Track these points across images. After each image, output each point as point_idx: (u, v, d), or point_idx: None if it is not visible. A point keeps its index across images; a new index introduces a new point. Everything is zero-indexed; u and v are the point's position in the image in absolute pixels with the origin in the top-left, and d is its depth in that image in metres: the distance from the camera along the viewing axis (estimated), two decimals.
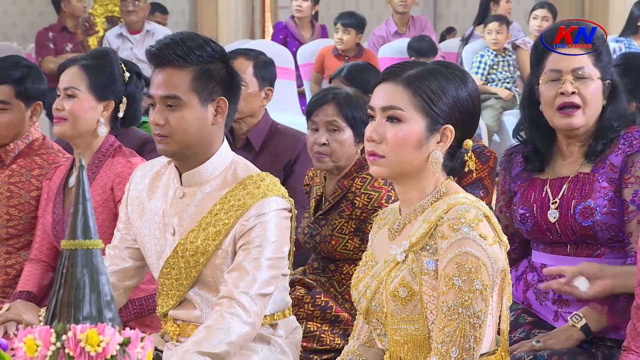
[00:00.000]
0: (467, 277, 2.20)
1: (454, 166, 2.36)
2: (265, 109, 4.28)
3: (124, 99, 3.39)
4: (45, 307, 1.95)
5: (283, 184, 3.05)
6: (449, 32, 11.82)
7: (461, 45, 8.80)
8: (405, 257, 2.29)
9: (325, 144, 3.41)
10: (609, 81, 2.89)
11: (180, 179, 2.77)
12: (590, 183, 2.86)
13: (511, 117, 7.92)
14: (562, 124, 2.88)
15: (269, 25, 14.02)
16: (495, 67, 8.21)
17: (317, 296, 3.42)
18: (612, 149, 2.88)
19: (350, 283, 2.47)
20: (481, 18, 8.96)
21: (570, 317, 2.81)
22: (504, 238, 2.31)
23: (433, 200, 2.32)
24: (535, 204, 2.92)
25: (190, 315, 2.75)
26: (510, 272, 2.85)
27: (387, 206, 2.58)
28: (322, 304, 3.40)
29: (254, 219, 2.65)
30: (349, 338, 2.56)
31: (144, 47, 7.01)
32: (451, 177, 2.37)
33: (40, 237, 3.48)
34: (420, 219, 2.31)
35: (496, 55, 8.21)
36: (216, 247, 2.68)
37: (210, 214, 2.70)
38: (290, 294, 2.97)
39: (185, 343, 2.60)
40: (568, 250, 2.91)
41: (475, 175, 3.68)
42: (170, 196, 2.78)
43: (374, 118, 2.33)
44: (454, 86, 2.30)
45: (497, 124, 8.12)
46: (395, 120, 2.29)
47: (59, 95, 3.34)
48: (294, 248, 2.86)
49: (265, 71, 4.23)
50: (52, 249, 3.46)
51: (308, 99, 6.72)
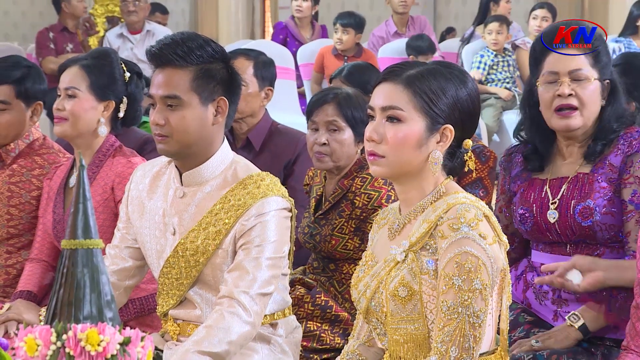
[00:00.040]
0: (466, 276, 2.20)
1: (453, 166, 2.36)
2: (266, 109, 4.28)
3: (125, 99, 3.39)
4: (46, 307, 1.95)
5: (283, 183, 3.06)
6: (449, 32, 11.82)
7: (461, 46, 8.80)
8: (405, 256, 2.29)
9: (325, 143, 3.41)
10: (608, 81, 2.90)
11: (181, 178, 2.77)
12: (590, 183, 2.86)
13: (511, 117, 7.91)
14: (559, 125, 2.88)
15: (269, 25, 14.02)
16: (495, 67, 8.21)
17: (317, 296, 3.42)
18: (612, 149, 2.88)
19: (350, 282, 2.46)
20: (481, 18, 8.96)
21: (567, 316, 2.81)
22: (504, 238, 2.31)
23: (433, 200, 2.32)
24: (534, 204, 2.93)
25: (191, 314, 2.75)
26: (510, 272, 2.85)
27: (387, 206, 2.58)
28: (322, 304, 3.40)
29: (254, 218, 2.65)
30: (349, 337, 2.56)
31: (144, 47, 7.01)
32: (451, 177, 2.36)
33: (40, 236, 3.48)
34: (420, 219, 2.31)
35: (496, 56, 8.20)
36: (216, 247, 2.68)
37: (211, 214, 2.70)
38: (290, 293, 2.97)
39: (185, 342, 2.60)
40: (568, 250, 2.91)
41: (475, 175, 3.68)
42: (171, 196, 2.78)
43: (373, 118, 2.33)
44: (453, 86, 2.30)
45: (497, 124, 8.12)
46: (395, 120, 2.29)
47: (60, 95, 3.34)
48: (294, 248, 2.86)
49: (266, 71, 4.22)
50: (52, 249, 3.46)
51: (308, 99, 6.72)
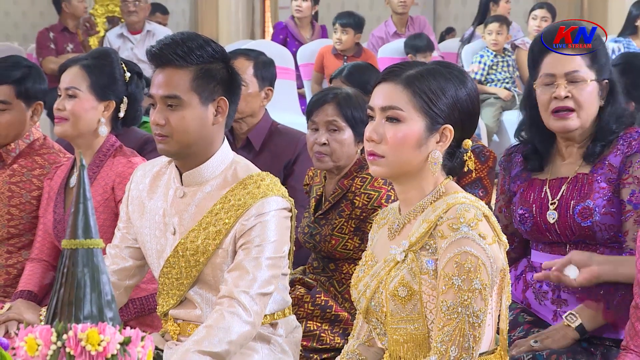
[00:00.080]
0: (466, 276, 2.20)
1: (453, 166, 2.36)
2: (266, 109, 4.28)
3: (125, 99, 3.39)
4: (46, 307, 1.95)
5: (283, 183, 3.06)
6: (448, 33, 11.82)
7: (461, 46, 8.80)
8: (405, 256, 2.29)
9: (325, 143, 3.42)
10: (606, 81, 2.90)
11: (181, 178, 2.78)
12: (589, 183, 2.87)
13: (510, 117, 7.91)
14: (557, 127, 2.88)
15: (269, 25, 14.02)
16: (494, 67, 8.21)
17: (317, 295, 3.42)
18: (611, 149, 2.88)
19: (350, 282, 2.47)
20: (481, 18, 8.96)
21: (565, 316, 2.81)
22: (503, 237, 2.31)
23: (432, 199, 2.32)
24: (534, 205, 2.93)
25: (191, 314, 2.75)
26: (510, 272, 2.86)
27: (386, 206, 2.58)
28: (322, 304, 3.40)
29: (254, 218, 2.65)
30: (349, 337, 2.56)
31: (144, 47, 7.01)
32: (450, 177, 2.37)
33: (41, 236, 3.48)
34: (420, 219, 2.31)
35: (495, 56, 8.20)
36: (216, 247, 2.68)
37: (211, 214, 2.70)
38: (290, 293, 2.97)
39: (185, 342, 2.60)
40: (567, 250, 2.90)
41: (474, 175, 3.69)
42: (171, 196, 2.78)
43: (373, 118, 2.33)
44: (453, 86, 2.30)
45: (497, 124, 8.12)
46: (394, 120, 2.29)
47: (60, 95, 3.34)
48: (294, 247, 2.86)
49: (266, 71, 4.23)
50: (53, 249, 3.46)
51: (308, 99, 6.72)
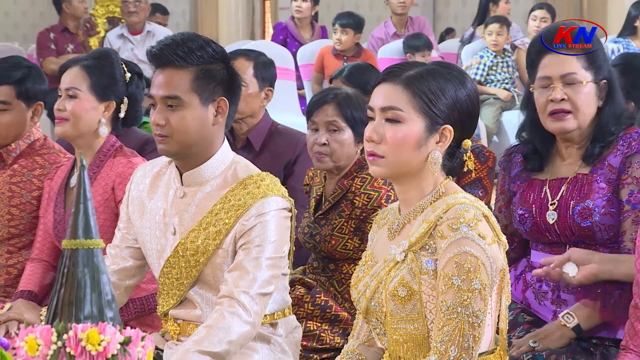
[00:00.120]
0: (466, 276, 2.20)
1: (453, 166, 2.36)
2: (266, 109, 4.28)
3: (125, 100, 3.40)
4: (47, 307, 1.95)
5: (283, 183, 3.06)
6: (448, 33, 11.82)
7: (461, 46, 8.80)
8: (405, 256, 2.29)
9: (325, 144, 3.42)
10: (605, 81, 2.90)
11: (181, 178, 2.78)
12: (589, 184, 2.87)
13: (510, 118, 7.91)
14: (554, 128, 2.89)
15: (269, 26, 14.02)
16: (494, 68, 8.21)
17: (317, 295, 3.42)
18: (611, 150, 2.88)
19: (350, 282, 2.47)
20: (480, 19, 8.96)
21: (562, 315, 2.81)
22: (503, 238, 2.31)
23: (432, 200, 2.32)
24: (534, 205, 2.93)
25: (191, 314, 2.76)
26: (510, 272, 2.86)
27: (386, 206, 2.58)
28: (322, 303, 3.40)
29: (254, 218, 2.65)
30: (349, 337, 2.56)
31: (144, 48, 7.01)
32: (450, 177, 2.37)
33: (41, 236, 3.49)
34: (420, 219, 2.31)
35: (495, 56, 8.20)
36: (217, 247, 2.68)
37: (211, 214, 2.70)
38: (290, 293, 2.97)
39: (185, 342, 2.60)
40: (567, 250, 2.91)
41: (474, 175, 3.69)
42: (171, 196, 2.78)
43: (373, 118, 2.34)
44: (452, 87, 2.30)
45: (496, 124, 8.12)
46: (394, 120, 2.29)
47: (61, 96, 3.34)
48: (294, 247, 2.87)
49: (266, 72, 4.23)
50: (53, 249, 3.46)
51: (308, 100, 6.72)
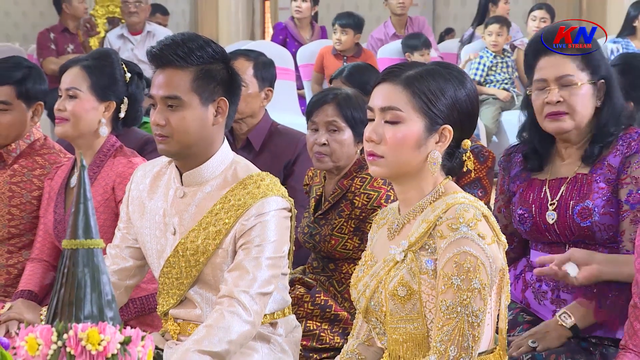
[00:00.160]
0: (465, 276, 2.20)
1: (452, 166, 2.36)
2: (265, 110, 4.29)
3: (125, 100, 3.40)
4: (47, 306, 1.96)
5: (283, 183, 3.06)
6: (448, 33, 11.81)
7: (461, 46, 8.80)
8: (405, 256, 2.30)
9: (325, 144, 3.42)
10: (602, 81, 2.90)
11: (181, 178, 2.78)
12: (589, 184, 2.87)
13: (510, 118, 7.91)
14: (551, 128, 2.89)
15: (269, 26, 14.02)
16: (493, 68, 8.21)
17: (316, 295, 3.42)
18: (611, 150, 2.88)
19: (350, 282, 2.47)
20: (480, 19, 8.97)
21: (559, 315, 2.81)
22: (503, 237, 2.31)
23: (432, 200, 2.32)
24: (533, 205, 2.93)
25: (191, 314, 2.76)
26: (509, 271, 2.86)
27: (386, 206, 2.58)
28: (322, 303, 3.40)
29: (254, 218, 2.66)
30: (349, 337, 2.56)
31: (144, 48, 7.02)
32: (450, 177, 2.37)
33: (41, 236, 3.49)
34: (419, 219, 2.32)
35: (495, 57, 8.20)
36: (216, 247, 2.69)
37: (211, 214, 2.71)
38: (290, 293, 2.98)
39: (185, 342, 2.61)
40: (566, 250, 2.90)
41: (473, 175, 3.69)
42: (171, 196, 2.79)
43: (373, 119, 2.34)
44: (452, 87, 2.30)
45: (496, 124, 8.12)
46: (394, 120, 2.30)
47: (61, 96, 3.34)
48: (294, 247, 2.87)
49: (265, 72, 4.23)
50: (53, 249, 3.46)
51: (308, 100, 6.72)
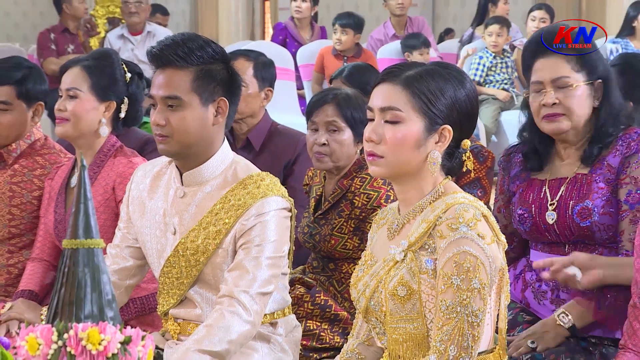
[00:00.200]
0: (465, 276, 2.21)
1: (452, 166, 2.36)
2: (265, 110, 4.29)
3: (126, 100, 3.40)
4: (47, 306, 1.96)
5: (283, 183, 3.07)
6: (447, 34, 11.82)
7: (460, 47, 8.80)
8: (404, 256, 2.30)
9: (325, 144, 3.42)
10: (600, 81, 2.90)
11: (181, 178, 2.79)
12: (588, 184, 2.87)
13: (509, 118, 7.91)
14: (548, 129, 2.90)
15: (269, 26, 14.03)
16: (493, 68, 8.21)
17: (316, 295, 3.42)
18: (610, 150, 2.88)
19: (350, 282, 2.47)
20: (480, 19, 8.97)
21: (557, 315, 2.81)
22: (502, 237, 2.31)
23: (432, 200, 2.33)
24: (533, 205, 2.93)
25: (191, 314, 2.76)
26: (509, 271, 2.86)
27: (386, 206, 2.59)
28: (322, 303, 3.40)
29: (254, 218, 2.66)
30: (349, 336, 2.56)
31: (145, 48, 7.02)
32: (449, 177, 2.37)
33: (42, 236, 3.49)
34: (419, 219, 2.32)
35: (494, 57, 8.21)
36: (217, 246, 2.69)
37: (211, 214, 2.71)
38: (290, 292, 2.98)
39: (185, 342, 2.61)
40: (566, 250, 2.91)
41: (473, 175, 3.70)
42: (171, 196, 2.79)
43: (372, 119, 2.34)
44: (452, 87, 2.30)
45: (495, 124, 8.12)
46: (393, 121, 2.30)
47: (61, 96, 3.35)
48: (294, 247, 2.87)
49: (265, 72, 4.24)
50: (53, 248, 3.47)
51: (308, 100, 6.72)
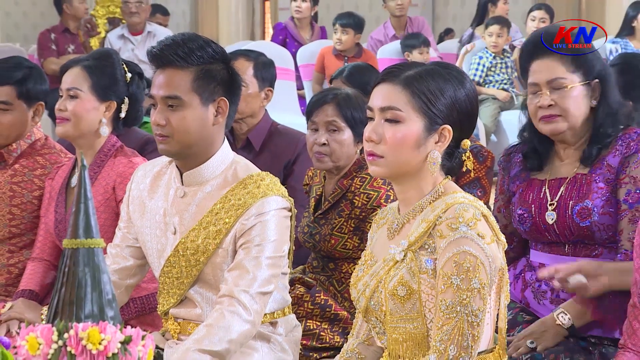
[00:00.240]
0: (465, 275, 2.21)
1: (452, 166, 2.36)
2: (265, 109, 4.29)
3: (126, 100, 3.41)
4: (47, 306, 1.96)
5: (283, 183, 3.07)
6: (447, 34, 11.82)
7: (460, 47, 8.80)
8: (404, 256, 2.30)
9: (325, 144, 3.42)
10: (597, 80, 2.90)
11: (181, 178, 2.79)
12: (588, 184, 2.87)
13: (509, 117, 7.92)
14: (546, 130, 2.90)
15: (269, 26, 14.04)
16: (493, 69, 8.21)
17: (316, 295, 3.42)
18: (610, 150, 2.88)
19: (350, 282, 2.48)
20: (479, 19, 8.97)
21: (556, 314, 2.81)
22: (502, 237, 2.31)
23: (431, 199, 2.33)
24: (533, 205, 2.94)
25: (191, 313, 2.77)
26: (509, 271, 2.87)
27: (386, 205, 2.59)
28: (322, 303, 3.40)
29: (254, 218, 2.66)
30: (348, 336, 2.57)
31: (145, 48, 7.02)
32: (449, 177, 2.38)
33: (42, 236, 3.49)
34: (419, 219, 2.32)
35: (494, 57, 8.21)
36: (217, 246, 2.69)
37: (211, 213, 2.71)
38: (290, 292, 2.98)
39: (186, 341, 2.61)
40: (566, 250, 2.92)
41: (472, 174, 3.70)
42: (172, 195, 2.79)
43: (372, 118, 2.34)
44: (451, 87, 2.31)
45: (495, 124, 8.12)
46: (393, 120, 2.30)
47: (62, 96, 3.35)
48: (294, 247, 2.87)
49: (265, 72, 4.24)
50: (54, 248, 3.47)
51: (308, 100, 6.72)
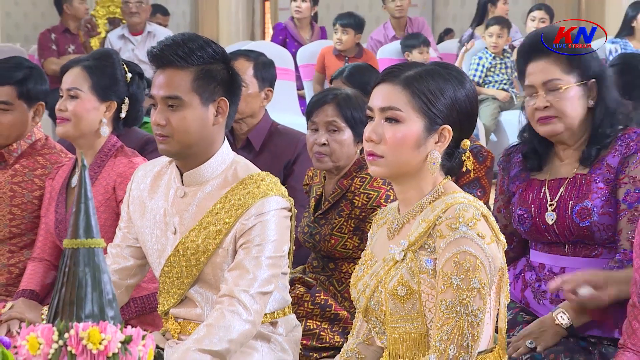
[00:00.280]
0: (465, 275, 2.21)
1: (452, 166, 2.36)
2: (266, 110, 4.30)
3: (126, 100, 3.41)
4: (48, 306, 1.97)
5: (283, 183, 3.07)
6: (447, 34, 11.82)
7: (460, 47, 8.80)
8: (404, 256, 2.30)
9: (325, 144, 3.43)
10: (593, 80, 2.90)
11: (182, 178, 2.79)
12: (588, 184, 2.88)
13: (508, 117, 7.92)
14: (543, 132, 2.91)
15: (269, 26, 14.04)
16: (492, 69, 8.21)
17: (316, 294, 3.42)
18: (610, 150, 2.88)
19: (350, 282, 2.48)
20: (479, 19, 8.97)
21: (555, 314, 2.81)
22: (502, 237, 2.31)
23: (431, 199, 2.33)
24: (533, 205, 2.94)
25: (191, 313, 2.77)
26: (509, 271, 2.87)
27: (386, 205, 2.59)
28: (322, 302, 3.40)
29: (254, 218, 2.66)
30: (349, 336, 2.57)
31: (145, 48, 7.02)
32: (449, 177, 2.38)
33: (43, 236, 3.50)
34: (419, 219, 2.32)
35: (494, 58, 8.20)
36: (217, 246, 2.70)
37: (211, 213, 2.71)
38: (290, 292, 2.98)
39: (186, 341, 2.61)
40: (566, 250, 2.92)
41: (472, 175, 3.71)
42: (172, 195, 2.79)
43: (372, 118, 2.34)
44: (451, 87, 2.31)
45: (494, 122, 8.12)
46: (393, 120, 2.30)
47: (62, 96, 3.35)
48: (294, 247, 2.88)
49: (265, 72, 4.24)
50: (54, 248, 3.47)
51: (308, 100, 6.73)
